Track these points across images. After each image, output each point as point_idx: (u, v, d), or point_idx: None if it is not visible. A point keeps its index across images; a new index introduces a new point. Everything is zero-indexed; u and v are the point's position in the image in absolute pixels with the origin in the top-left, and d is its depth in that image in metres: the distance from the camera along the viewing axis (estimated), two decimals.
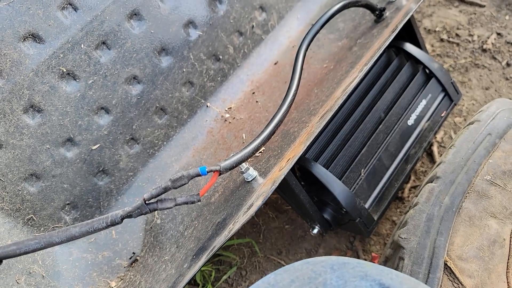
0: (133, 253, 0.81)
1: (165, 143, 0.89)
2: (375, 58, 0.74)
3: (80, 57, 0.76)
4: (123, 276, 0.79)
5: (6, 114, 0.71)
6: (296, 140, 0.75)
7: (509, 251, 0.65)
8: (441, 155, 1.01)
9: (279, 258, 0.93)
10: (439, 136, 1.04)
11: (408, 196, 0.97)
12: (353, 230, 0.89)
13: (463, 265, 0.65)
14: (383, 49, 0.76)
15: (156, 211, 0.85)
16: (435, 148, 1.02)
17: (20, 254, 0.59)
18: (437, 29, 1.23)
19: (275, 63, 0.99)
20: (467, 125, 0.76)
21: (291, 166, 0.64)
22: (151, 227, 0.83)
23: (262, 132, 0.69)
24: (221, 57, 0.93)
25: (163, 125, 0.88)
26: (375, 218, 0.84)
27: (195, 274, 0.66)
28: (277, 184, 0.63)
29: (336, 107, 0.70)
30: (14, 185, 0.73)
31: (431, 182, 0.72)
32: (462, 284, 0.64)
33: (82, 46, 0.76)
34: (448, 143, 1.02)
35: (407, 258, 0.68)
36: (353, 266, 0.43)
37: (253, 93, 0.96)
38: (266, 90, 0.95)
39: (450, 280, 0.65)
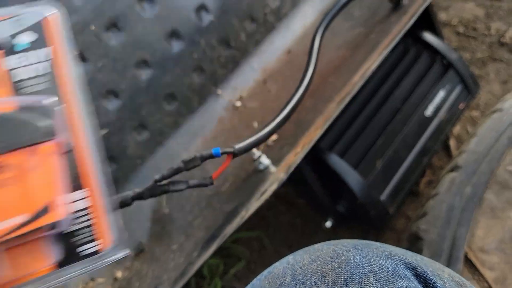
0: (140, 242, 0.79)
1: (174, 130, 0.87)
2: (395, 42, 0.72)
3: (90, 39, 0.74)
4: (130, 266, 0.77)
5: None
6: (311, 127, 0.72)
7: None
8: (458, 149, 0.98)
9: (289, 253, 0.90)
10: (455, 130, 1.01)
11: (424, 191, 0.94)
12: (367, 223, 0.86)
13: (484, 258, 0.62)
14: (403, 34, 0.73)
15: (164, 201, 0.83)
16: (452, 142, 0.99)
17: None
18: (453, 22, 1.20)
19: (288, 52, 0.96)
20: (489, 114, 0.73)
21: (307, 150, 0.62)
22: (158, 217, 0.81)
23: (278, 115, 0.67)
24: (232, 43, 0.91)
25: (173, 112, 0.86)
26: (390, 211, 0.81)
27: (204, 263, 0.63)
28: (292, 169, 0.60)
29: (355, 91, 0.67)
30: None
31: (452, 171, 0.69)
32: (483, 277, 0.61)
33: (93, 27, 0.74)
34: (465, 137, 0.99)
35: (426, 250, 0.65)
36: (376, 246, 0.40)
37: (265, 81, 0.93)
38: (278, 79, 0.93)
39: (470, 272, 0.62)
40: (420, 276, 0.36)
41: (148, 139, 0.83)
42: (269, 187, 0.62)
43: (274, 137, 0.81)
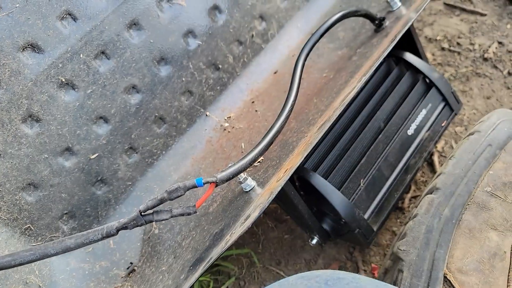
0: (131, 263, 0.81)
1: (163, 152, 0.89)
2: (374, 68, 0.74)
3: (79, 67, 0.76)
4: (120, 287, 0.79)
5: (4, 124, 0.71)
6: (295, 150, 0.75)
7: (510, 264, 0.64)
8: (441, 165, 1.00)
9: (278, 269, 0.93)
10: (439, 146, 1.04)
11: (409, 206, 0.97)
12: (352, 241, 0.88)
13: (463, 278, 0.64)
14: (382, 59, 0.76)
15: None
16: (435, 158, 1.01)
17: (15, 265, 0.58)
18: (438, 37, 1.23)
19: (275, 72, 0.98)
20: (467, 136, 0.75)
21: (288, 177, 0.64)
22: (149, 237, 0.83)
23: (260, 143, 0.69)
24: (220, 66, 0.93)
25: (162, 134, 0.88)
26: (375, 228, 0.83)
27: (191, 286, 0.65)
28: (274, 195, 0.62)
29: (334, 117, 0.69)
30: (11, 195, 0.73)
31: (431, 193, 0.71)
32: None
33: (81, 55, 0.76)
34: (449, 153, 1.02)
35: (406, 271, 0.67)
36: (348, 282, 0.42)
37: (253, 102, 0.95)
38: (265, 100, 0.95)
39: None
40: None
41: (138, 161, 0.86)
42: (252, 213, 0.64)
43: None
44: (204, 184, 0.58)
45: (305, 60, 0.80)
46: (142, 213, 0.57)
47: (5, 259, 0.58)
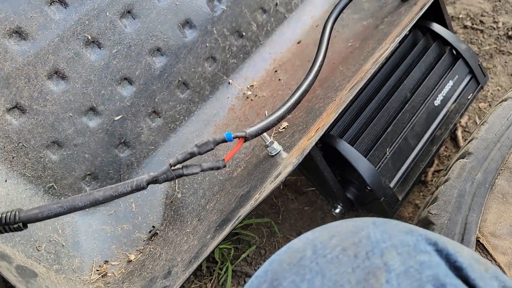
0: (153, 226, 0.80)
1: (186, 118, 0.88)
2: (406, 31, 0.73)
3: (105, 25, 0.75)
4: (142, 249, 0.78)
5: (31, 79, 0.70)
6: (323, 114, 0.73)
7: None
8: (465, 140, 0.99)
9: None
10: (463, 121, 1.02)
11: (432, 180, 0.95)
12: (376, 211, 0.87)
13: (496, 242, 0.63)
14: (413, 24, 0.74)
15: (177, 186, 0.84)
16: (459, 133, 1.00)
17: (43, 219, 0.57)
18: (460, 16, 1.21)
19: (298, 42, 0.97)
20: (500, 102, 0.74)
21: (321, 134, 0.63)
22: (171, 201, 0.82)
23: (288, 100, 0.68)
24: (244, 33, 0.92)
25: (185, 99, 0.87)
26: (400, 198, 0.82)
27: (218, 245, 0.64)
28: (306, 152, 0.61)
29: (367, 78, 0.68)
30: (36, 152, 0.72)
31: (463, 158, 0.70)
32: (495, 261, 0.62)
33: (108, 14, 0.75)
34: (473, 128, 1.00)
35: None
36: (396, 223, 0.41)
37: (276, 71, 0.94)
38: (289, 69, 0.94)
39: (483, 256, 0.63)
40: (441, 252, 0.37)
41: (161, 125, 0.85)
42: (283, 170, 0.63)
43: (284, 124, 0.82)
44: (233, 138, 0.57)
45: (333, 24, 0.79)
46: (172, 167, 0.56)
47: (32, 211, 0.57)
